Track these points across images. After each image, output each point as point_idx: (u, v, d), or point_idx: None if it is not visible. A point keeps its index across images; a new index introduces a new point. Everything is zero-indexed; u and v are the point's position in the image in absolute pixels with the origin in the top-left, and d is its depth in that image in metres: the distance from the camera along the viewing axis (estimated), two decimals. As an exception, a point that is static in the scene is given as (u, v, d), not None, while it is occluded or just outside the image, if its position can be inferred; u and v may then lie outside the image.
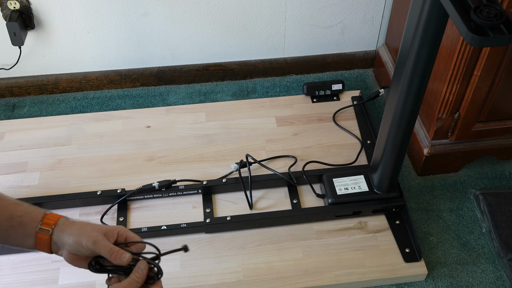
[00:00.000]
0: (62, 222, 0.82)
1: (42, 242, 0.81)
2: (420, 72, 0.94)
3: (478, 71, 1.10)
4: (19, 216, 0.81)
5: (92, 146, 1.37)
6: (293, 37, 1.56)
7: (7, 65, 1.51)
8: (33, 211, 0.83)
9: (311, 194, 1.27)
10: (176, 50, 1.55)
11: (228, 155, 1.35)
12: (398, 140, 1.09)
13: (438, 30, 0.87)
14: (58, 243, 0.81)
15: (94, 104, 1.55)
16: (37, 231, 0.80)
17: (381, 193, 1.21)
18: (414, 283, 1.16)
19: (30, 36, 1.45)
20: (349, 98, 1.50)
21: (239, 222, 1.20)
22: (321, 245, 1.18)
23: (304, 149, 1.37)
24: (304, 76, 1.64)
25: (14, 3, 1.37)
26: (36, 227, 0.80)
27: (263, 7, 1.47)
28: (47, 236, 0.81)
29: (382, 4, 1.51)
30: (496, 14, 0.68)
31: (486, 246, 1.22)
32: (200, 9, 1.45)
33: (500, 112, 1.22)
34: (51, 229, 0.81)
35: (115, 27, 1.47)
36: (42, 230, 0.81)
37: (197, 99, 1.56)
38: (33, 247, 0.82)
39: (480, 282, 1.16)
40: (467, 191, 1.32)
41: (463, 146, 1.29)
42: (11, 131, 1.41)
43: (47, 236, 0.81)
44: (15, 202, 0.83)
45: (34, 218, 0.81)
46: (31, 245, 0.82)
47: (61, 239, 0.81)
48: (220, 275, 1.13)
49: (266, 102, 1.49)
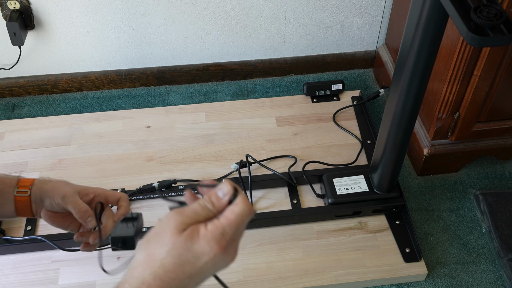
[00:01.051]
0: (38, 181, 0.82)
1: (22, 205, 0.81)
2: (420, 72, 0.94)
3: (478, 71, 1.10)
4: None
5: (92, 146, 1.37)
6: (293, 37, 1.56)
7: (7, 65, 1.51)
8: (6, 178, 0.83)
9: (311, 194, 1.27)
10: (176, 50, 1.55)
11: (228, 155, 1.35)
12: (398, 140, 1.09)
13: (438, 30, 0.87)
14: (37, 202, 0.81)
15: (94, 104, 1.55)
16: (15, 194, 0.81)
17: (381, 193, 1.21)
18: (414, 283, 1.16)
19: (30, 36, 1.45)
20: (349, 98, 1.50)
21: (239, 222, 1.20)
22: (321, 245, 1.18)
23: (304, 149, 1.37)
24: (304, 76, 1.64)
25: (14, 3, 1.37)
26: (13, 191, 0.81)
27: (263, 7, 1.47)
28: (25, 197, 0.81)
29: (382, 4, 1.51)
30: (496, 14, 0.68)
31: (486, 246, 1.22)
32: (200, 9, 1.45)
33: (500, 112, 1.22)
34: (28, 190, 0.81)
35: (115, 27, 1.47)
36: (20, 193, 0.81)
37: (197, 99, 1.56)
38: (14, 214, 0.82)
39: (480, 282, 1.16)
40: (467, 191, 1.32)
41: (463, 146, 1.29)
42: (11, 131, 1.41)
43: (25, 197, 0.81)
44: None
45: (9, 184, 0.82)
46: (12, 211, 0.82)
47: (39, 197, 0.81)
48: (220, 275, 1.13)
49: (266, 102, 1.49)
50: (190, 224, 0.55)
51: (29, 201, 0.81)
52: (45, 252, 1.16)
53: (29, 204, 0.81)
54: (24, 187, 0.81)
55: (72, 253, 1.13)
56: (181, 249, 0.54)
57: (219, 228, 0.55)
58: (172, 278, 0.54)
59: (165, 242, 0.54)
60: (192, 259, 0.54)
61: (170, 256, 0.54)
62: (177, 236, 0.54)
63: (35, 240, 1.15)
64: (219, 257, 0.55)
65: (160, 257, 0.54)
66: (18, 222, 1.21)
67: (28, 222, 1.20)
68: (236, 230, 0.56)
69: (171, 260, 0.54)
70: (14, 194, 0.80)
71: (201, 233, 0.55)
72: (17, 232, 1.19)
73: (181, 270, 0.54)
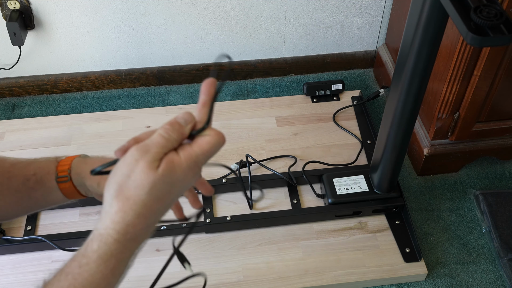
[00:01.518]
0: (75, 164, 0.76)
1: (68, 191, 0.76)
2: (420, 72, 0.94)
3: (478, 71, 1.10)
4: (33, 174, 0.75)
5: (92, 146, 1.37)
6: (293, 37, 1.56)
7: (7, 65, 1.51)
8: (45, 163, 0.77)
9: (311, 194, 1.27)
10: (176, 50, 1.55)
11: (228, 155, 1.35)
12: (398, 140, 1.09)
13: (438, 30, 0.87)
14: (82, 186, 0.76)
15: (94, 104, 1.55)
16: (57, 182, 0.75)
17: (381, 193, 1.21)
18: (414, 283, 1.16)
19: (30, 36, 1.45)
20: (349, 98, 1.50)
21: (239, 222, 1.20)
22: (321, 245, 1.18)
23: (304, 149, 1.37)
24: (304, 76, 1.64)
25: (14, 3, 1.37)
26: (54, 179, 0.75)
27: (263, 7, 1.47)
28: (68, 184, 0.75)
29: (382, 4, 1.51)
30: (496, 14, 0.68)
31: (486, 246, 1.22)
32: (200, 9, 1.45)
33: (500, 112, 1.22)
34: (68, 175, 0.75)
35: (115, 27, 1.47)
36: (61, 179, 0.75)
37: (197, 99, 1.54)
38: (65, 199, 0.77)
39: (480, 282, 1.16)
40: (467, 191, 1.32)
41: (463, 146, 1.29)
42: (11, 131, 1.41)
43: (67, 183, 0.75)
44: (27, 162, 0.78)
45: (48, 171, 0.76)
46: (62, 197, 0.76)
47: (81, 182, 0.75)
48: (220, 275, 1.13)
49: (266, 102, 1.49)
50: (161, 159, 0.56)
51: (73, 187, 0.75)
52: (45, 252, 1.16)
53: (74, 190, 0.76)
54: (63, 172, 0.75)
55: (72, 253, 1.13)
56: (161, 185, 0.55)
57: (193, 156, 0.57)
58: (153, 211, 0.57)
59: (142, 184, 0.55)
60: (170, 189, 0.57)
61: (151, 195, 0.55)
62: (153, 174, 0.55)
63: (35, 240, 1.15)
64: (190, 180, 0.58)
65: (140, 199, 0.55)
66: (18, 222, 1.21)
67: (28, 222, 1.20)
68: (208, 158, 0.59)
69: (153, 197, 0.56)
70: (56, 181, 0.75)
71: (176, 163, 0.56)
72: (17, 232, 1.19)
73: (161, 202, 0.57)
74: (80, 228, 1.19)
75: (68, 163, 0.76)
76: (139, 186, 0.55)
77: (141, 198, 0.55)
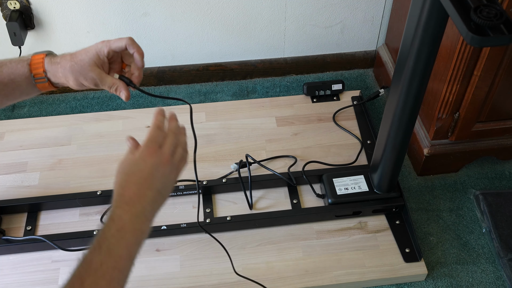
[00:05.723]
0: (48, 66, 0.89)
1: (46, 88, 0.91)
2: (420, 72, 0.94)
3: (478, 71, 1.10)
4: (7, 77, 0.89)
5: (92, 146, 1.37)
6: (293, 37, 1.56)
7: (7, 65, 1.51)
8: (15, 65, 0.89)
9: (311, 194, 1.27)
10: (176, 50, 1.55)
11: (228, 155, 1.35)
12: (398, 140, 1.09)
13: (438, 30, 0.87)
14: (60, 82, 0.91)
15: (94, 104, 1.55)
16: (35, 83, 0.89)
17: (381, 193, 1.21)
18: (414, 283, 1.16)
19: (30, 36, 1.45)
20: (349, 98, 1.50)
21: (239, 222, 1.20)
22: (321, 245, 1.18)
23: (304, 149, 1.37)
24: (304, 76, 1.64)
25: (14, 3, 1.37)
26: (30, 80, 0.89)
27: (263, 7, 1.47)
28: (46, 84, 0.90)
29: (382, 4, 1.51)
30: (496, 14, 0.68)
31: (486, 246, 1.22)
32: (200, 9, 1.45)
33: (500, 112, 1.22)
34: (45, 77, 0.89)
35: (115, 27, 1.47)
36: (38, 81, 0.89)
37: (197, 99, 1.56)
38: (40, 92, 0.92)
39: (480, 282, 1.16)
40: (467, 191, 1.33)
41: (463, 146, 1.29)
42: (11, 131, 1.41)
43: (46, 84, 0.90)
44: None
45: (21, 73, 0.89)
46: (37, 91, 0.92)
47: (60, 80, 0.90)
48: (220, 275, 1.13)
49: (266, 102, 1.49)
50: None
51: (52, 84, 0.91)
52: (45, 252, 1.16)
53: (52, 86, 0.91)
54: (39, 74, 0.88)
55: (72, 253, 1.13)
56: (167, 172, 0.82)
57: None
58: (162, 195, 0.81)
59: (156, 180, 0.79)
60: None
61: (162, 183, 0.80)
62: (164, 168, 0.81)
63: (35, 240, 1.15)
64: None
65: (155, 190, 0.79)
66: (18, 222, 1.21)
67: (28, 222, 1.20)
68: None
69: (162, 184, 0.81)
70: (34, 83, 0.89)
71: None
72: (17, 232, 1.19)
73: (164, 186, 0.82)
74: (80, 228, 1.19)
75: (40, 65, 0.89)
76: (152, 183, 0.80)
77: (157, 187, 0.80)
